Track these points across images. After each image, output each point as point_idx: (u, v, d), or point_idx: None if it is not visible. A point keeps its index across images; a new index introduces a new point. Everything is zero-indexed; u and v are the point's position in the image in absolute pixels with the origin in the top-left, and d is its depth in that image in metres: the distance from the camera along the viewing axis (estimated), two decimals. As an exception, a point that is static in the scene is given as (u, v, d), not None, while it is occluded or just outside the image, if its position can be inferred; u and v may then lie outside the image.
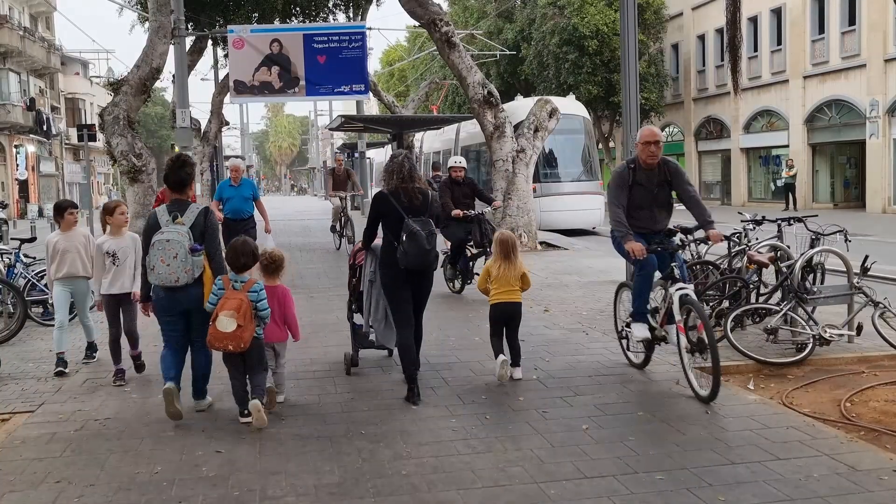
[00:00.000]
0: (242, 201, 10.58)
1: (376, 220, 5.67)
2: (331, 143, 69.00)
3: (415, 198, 5.54)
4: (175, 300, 5.12)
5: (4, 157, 37.75)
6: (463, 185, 10.24)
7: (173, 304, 5.15)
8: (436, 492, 3.96)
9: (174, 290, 5.08)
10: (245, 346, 4.95)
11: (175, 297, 5.11)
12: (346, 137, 43.00)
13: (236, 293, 4.98)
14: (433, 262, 5.58)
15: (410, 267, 5.46)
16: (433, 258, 5.54)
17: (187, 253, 5.04)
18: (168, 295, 5.12)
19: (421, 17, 15.72)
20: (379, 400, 5.56)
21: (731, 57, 12.43)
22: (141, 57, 14.79)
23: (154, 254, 5.04)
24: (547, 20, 32.74)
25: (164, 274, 5.02)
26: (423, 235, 5.37)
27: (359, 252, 6.27)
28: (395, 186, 5.56)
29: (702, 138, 35.96)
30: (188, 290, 5.09)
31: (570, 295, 9.84)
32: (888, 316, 6.60)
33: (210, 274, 5.18)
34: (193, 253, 5.07)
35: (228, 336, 4.88)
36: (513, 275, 6.02)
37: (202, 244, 5.14)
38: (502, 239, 6.12)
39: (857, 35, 26.14)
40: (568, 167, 21.68)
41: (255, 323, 5.05)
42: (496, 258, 6.09)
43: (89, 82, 51.36)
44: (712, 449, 4.46)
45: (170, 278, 5.02)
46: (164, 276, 5.03)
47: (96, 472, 4.33)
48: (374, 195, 5.84)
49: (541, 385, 5.82)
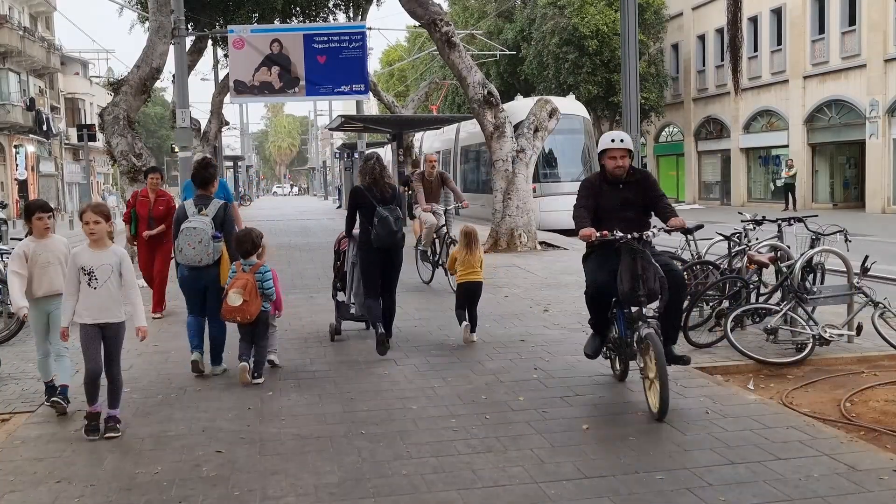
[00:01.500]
0: None
1: (354, 210, 6.95)
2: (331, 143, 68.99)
3: (385, 191, 6.84)
4: (198, 277, 6.17)
5: (4, 157, 37.75)
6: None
7: (196, 281, 6.20)
8: (436, 492, 3.95)
9: (198, 269, 6.13)
10: (251, 318, 5.95)
11: (198, 274, 6.16)
12: (345, 137, 43.00)
13: (244, 274, 5.98)
14: (400, 242, 6.87)
15: (381, 245, 6.74)
16: (400, 238, 6.83)
17: (210, 239, 6.08)
18: (192, 273, 6.17)
19: (421, 17, 15.71)
20: (379, 400, 5.56)
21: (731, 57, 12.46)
22: (141, 57, 14.79)
23: (182, 239, 6.09)
24: (547, 20, 32.75)
25: (190, 255, 6.08)
26: (391, 220, 6.67)
27: (342, 239, 7.49)
28: (368, 183, 6.85)
29: (702, 138, 35.96)
30: (209, 269, 6.15)
31: (569, 295, 9.83)
32: (888, 316, 6.60)
33: (227, 257, 6.21)
34: (214, 240, 6.11)
35: (236, 309, 5.89)
36: (475, 259, 7.33)
37: (221, 232, 6.18)
38: (466, 231, 7.42)
39: (857, 35, 26.15)
40: (568, 167, 21.68)
41: (262, 300, 6.04)
42: (461, 247, 7.37)
43: (89, 82, 51.36)
44: (712, 449, 4.46)
45: (195, 259, 6.08)
46: (190, 257, 6.08)
47: (96, 472, 4.32)
48: (351, 190, 7.21)
49: (541, 385, 5.82)
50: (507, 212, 14.92)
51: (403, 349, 7.08)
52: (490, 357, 6.71)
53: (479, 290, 7.36)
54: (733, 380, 5.98)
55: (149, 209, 9.00)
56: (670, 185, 38.56)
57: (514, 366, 6.39)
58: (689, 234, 8.14)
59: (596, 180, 5.75)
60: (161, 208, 9.04)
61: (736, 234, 7.81)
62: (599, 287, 5.46)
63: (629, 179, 5.62)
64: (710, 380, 5.90)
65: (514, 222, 14.88)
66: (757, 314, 7.12)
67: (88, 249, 4.91)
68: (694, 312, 7.19)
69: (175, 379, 6.18)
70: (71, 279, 4.92)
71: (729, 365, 6.25)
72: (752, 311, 7.10)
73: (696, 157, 36.53)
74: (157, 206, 9.05)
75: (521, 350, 6.92)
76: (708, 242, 8.17)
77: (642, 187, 5.62)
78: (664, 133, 39.36)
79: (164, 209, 9.03)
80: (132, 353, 7.17)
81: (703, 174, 36.74)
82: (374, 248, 6.75)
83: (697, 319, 7.30)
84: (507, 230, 14.95)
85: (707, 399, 5.38)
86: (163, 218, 8.95)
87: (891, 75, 24.90)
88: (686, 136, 36.78)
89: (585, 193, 5.65)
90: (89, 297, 4.87)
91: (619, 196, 5.58)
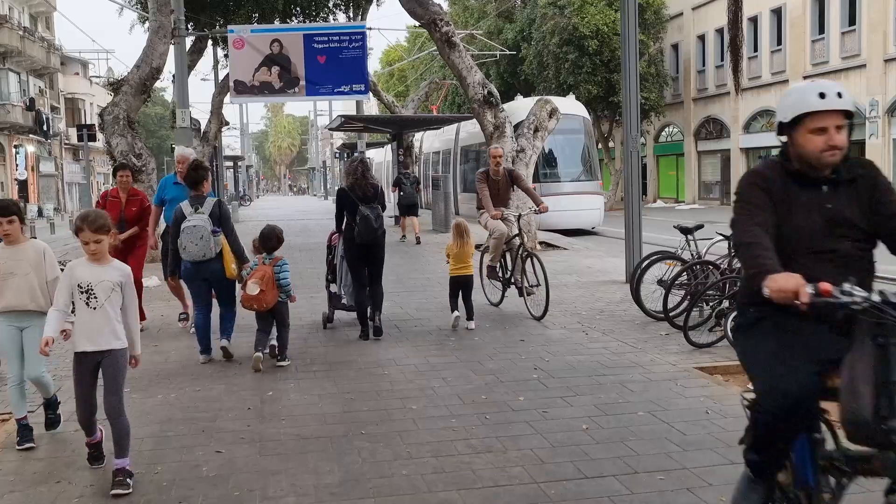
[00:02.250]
0: None
1: (341, 209, 7.48)
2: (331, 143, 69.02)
3: (367, 190, 7.35)
4: (200, 270, 6.64)
5: (4, 157, 37.76)
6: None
7: (199, 273, 6.66)
8: (436, 492, 3.95)
9: (200, 263, 6.59)
10: (268, 306, 6.47)
11: (200, 268, 6.62)
12: (345, 137, 43.04)
13: (264, 266, 6.52)
14: (380, 238, 7.39)
15: (363, 241, 7.30)
16: (380, 234, 7.36)
17: (210, 234, 6.52)
18: (195, 266, 6.62)
19: (421, 17, 15.72)
20: (379, 400, 5.56)
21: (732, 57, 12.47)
22: (141, 57, 14.79)
23: (185, 237, 6.52)
24: (547, 20, 32.74)
25: (193, 251, 6.53)
26: (371, 217, 7.22)
27: (333, 235, 7.95)
28: (350, 183, 7.39)
29: (701, 138, 35.97)
30: (211, 263, 6.60)
31: (569, 295, 9.84)
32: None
33: (228, 249, 6.65)
34: (214, 234, 6.55)
35: (254, 298, 6.39)
36: (466, 252, 7.88)
37: (219, 227, 6.61)
38: (457, 224, 7.98)
39: (858, 35, 26.15)
40: (568, 167, 21.70)
41: (279, 290, 6.52)
42: (454, 239, 7.94)
43: (89, 82, 51.37)
44: (712, 449, 4.46)
45: (199, 254, 6.54)
46: (193, 253, 6.53)
47: (96, 472, 4.32)
48: (337, 190, 7.85)
49: (541, 385, 5.82)
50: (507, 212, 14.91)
51: (404, 349, 7.09)
52: (490, 357, 6.71)
53: (470, 282, 8.01)
54: (733, 380, 5.98)
55: (120, 210, 8.09)
56: (670, 185, 38.60)
57: (514, 366, 6.39)
58: (689, 234, 8.16)
59: (771, 171, 2.97)
60: (134, 209, 8.20)
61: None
62: (795, 398, 2.72)
63: (842, 176, 2.93)
64: (710, 380, 5.90)
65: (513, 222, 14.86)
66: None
67: (87, 263, 4.16)
68: (694, 312, 7.21)
69: (175, 379, 6.19)
70: (62, 292, 4.16)
71: (729, 365, 6.24)
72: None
73: (696, 157, 36.53)
74: (129, 206, 8.19)
75: (521, 350, 6.92)
76: (708, 242, 8.17)
77: (867, 189, 2.96)
78: (664, 133, 39.37)
79: (136, 210, 8.22)
80: (132, 353, 7.18)
81: (703, 174, 36.74)
82: (356, 243, 7.33)
83: (697, 319, 7.31)
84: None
85: (707, 399, 5.38)
86: (135, 220, 8.19)
87: (891, 75, 24.90)
88: (686, 136, 36.79)
89: (754, 198, 2.92)
90: (88, 318, 4.10)
91: (822, 206, 2.90)
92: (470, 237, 8.00)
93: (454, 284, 7.98)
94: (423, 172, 31.69)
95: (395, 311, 8.78)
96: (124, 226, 8.04)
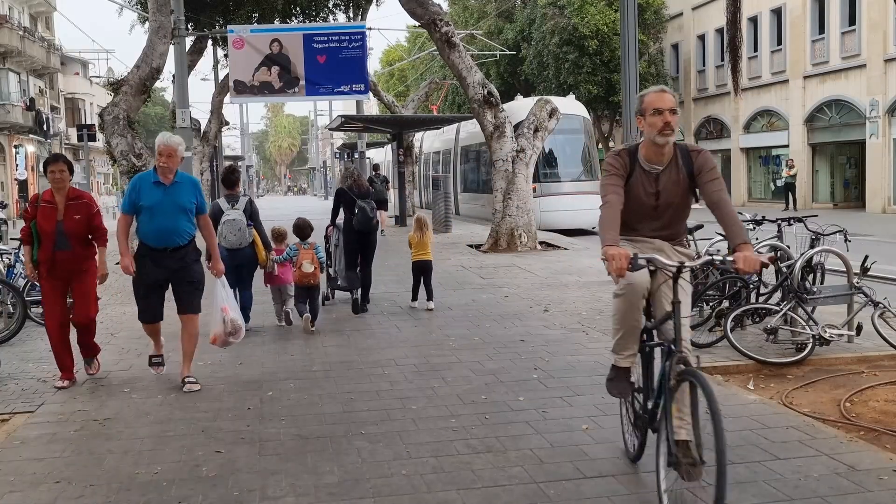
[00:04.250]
0: (174, 214, 5.83)
1: (338, 206, 9.02)
2: (331, 143, 68.99)
3: (361, 188, 8.97)
4: (236, 257, 7.78)
5: (4, 157, 37.74)
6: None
7: (234, 259, 7.72)
8: (436, 492, 3.95)
9: (235, 251, 7.78)
10: (316, 282, 8.12)
11: (236, 255, 7.78)
12: (345, 137, 42.98)
13: (307, 251, 8.06)
14: (374, 227, 9.05)
15: (361, 228, 8.86)
16: (374, 224, 9.01)
17: (245, 226, 7.77)
18: (230, 253, 7.70)
19: (421, 17, 15.72)
20: (379, 400, 5.56)
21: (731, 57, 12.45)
22: (141, 57, 14.80)
23: (226, 227, 7.69)
24: (547, 20, 32.74)
25: (232, 241, 7.74)
26: (367, 209, 8.79)
27: (329, 228, 9.55)
28: (349, 184, 8.96)
29: (702, 138, 35.94)
30: (244, 250, 7.83)
31: (569, 295, 9.84)
32: (888, 316, 6.59)
33: (258, 240, 7.92)
34: (248, 227, 7.81)
35: (309, 275, 7.98)
36: (424, 242, 9.26)
37: (251, 222, 7.88)
38: (418, 217, 9.46)
39: (857, 35, 26.13)
40: (568, 167, 21.68)
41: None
42: (415, 231, 9.30)
43: (89, 82, 51.33)
44: (712, 449, 4.44)
45: (237, 243, 7.77)
46: (232, 241, 7.74)
47: (96, 472, 4.32)
48: (335, 191, 9.27)
49: (541, 385, 5.82)
50: (507, 212, 14.93)
51: (404, 349, 7.09)
52: (490, 357, 6.71)
53: (430, 266, 9.32)
54: (733, 380, 5.98)
55: (56, 221, 5.87)
56: (670, 185, 38.43)
57: (514, 366, 6.39)
58: (689, 234, 8.15)
59: None
60: (77, 217, 5.91)
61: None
62: None
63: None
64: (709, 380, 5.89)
65: (514, 222, 14.88)
66: (757, 314, 7.12)
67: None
68: (694, 312, 7.20)
69: (175, 379, 6.17)
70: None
71: (729, 365, 6.25)
72: (752, 311, 7.10)
73: (696, 157, 36.48)
74: (69, 215, 5.89)
75: (521, 350, 6.92)
76: (708, 242, 8.17)
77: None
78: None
79: (82, 219, 5.94)
80: (132, 353, 7.18)
81: (703, 174, 36.68)
82: (354, 231, 8.87)
83: (697, 319, 7.30)
84: (507, 230, 14.96)
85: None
86: (81, 234, 5.96)
87: (891, 75, 24.89)
88: (686, 136, 36.73)
89: None
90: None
91: None
92: (429, 229, 9.48)
93: (416, 269, 9.30)
94: (423, 172, 31.71)
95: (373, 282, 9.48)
96: (64, 242, 5.88)
